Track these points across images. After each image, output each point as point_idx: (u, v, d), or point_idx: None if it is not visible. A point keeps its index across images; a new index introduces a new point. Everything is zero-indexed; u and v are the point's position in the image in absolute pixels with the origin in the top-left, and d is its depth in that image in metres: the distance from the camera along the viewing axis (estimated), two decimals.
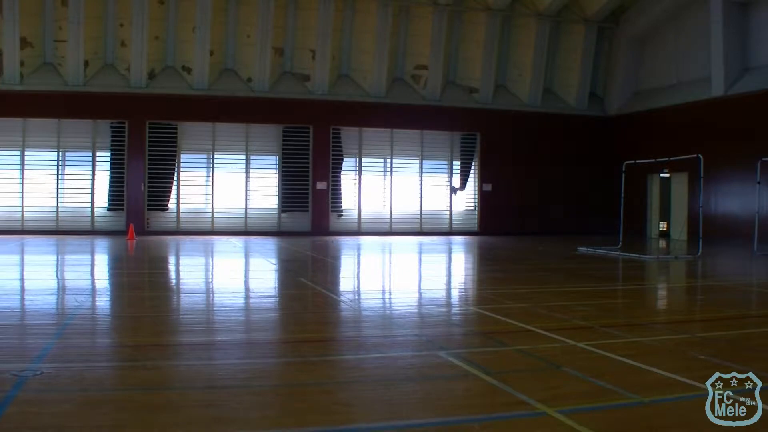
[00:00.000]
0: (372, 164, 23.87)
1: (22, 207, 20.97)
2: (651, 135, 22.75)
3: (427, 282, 11.45)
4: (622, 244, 16.74)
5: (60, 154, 21.32)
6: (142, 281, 10.90)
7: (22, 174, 21.00)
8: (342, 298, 8.90)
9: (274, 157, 22.94)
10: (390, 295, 9.88)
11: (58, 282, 10.54)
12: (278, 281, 11.23)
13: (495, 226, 23.86)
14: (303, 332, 6.41)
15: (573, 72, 25.00)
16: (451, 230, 24.23)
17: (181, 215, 22.16)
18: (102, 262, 14.06)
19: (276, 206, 22.89)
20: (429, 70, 23.43)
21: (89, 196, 21.53)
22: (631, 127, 24.17)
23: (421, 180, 24.16)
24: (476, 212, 24.51)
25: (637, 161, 17.67)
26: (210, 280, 11.28)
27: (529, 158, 24.39)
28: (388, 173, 23.95)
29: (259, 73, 21.99)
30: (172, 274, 12.40)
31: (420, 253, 17.36)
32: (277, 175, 22.92)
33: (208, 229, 22.22)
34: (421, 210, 24.13)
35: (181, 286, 10.69)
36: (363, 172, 23.67)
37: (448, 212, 24.47)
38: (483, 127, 24.17)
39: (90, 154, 21.52)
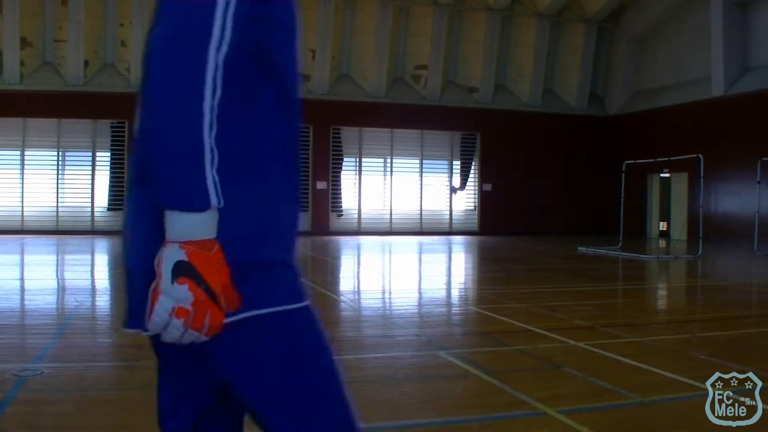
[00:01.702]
0: (372, 164, 23.87)
1: (22, 207, 20.97)
2: (651, 135, 22.74)
3: (427, 282, 11.45)
4: (622, 244, 16.74)
5: (60, 154, 21.32)
6: None
7: (22, 174, 21.00)
8: (342, 297, 8.90)
9: None
10: (390, 294, 9.88)
11: (58, 282, 10.54)
12: None
13: (495, 226, 23.86)
14: None
15: (573, 72, 25.00)
16: (451, 230, 24.22)
17: None
18: (102, 262, 14.06)
19: None
20: (429, 70, 23.43)
21: (89, 196, 21.53)
22: (631, 127, 24.16)
23: (421, 180, 24.16)
24: (476, 212, 24.51)
25: (637, 161, 17.67)
26: None
27: (529, 158, 24.38)
28: (388, 173, 23.95)
29: None
30: None
31: (420, 253, 17.36)
32: None
33: None
34: (421, 210, 24.13)
35: None
36: (363, 172, 23.67)
37: (448, 212, 24.47)
38: (483, 127, 24.16)
39: (90, 154, 21.52)
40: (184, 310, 1.17)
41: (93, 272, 12.08)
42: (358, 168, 23.59)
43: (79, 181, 21.53)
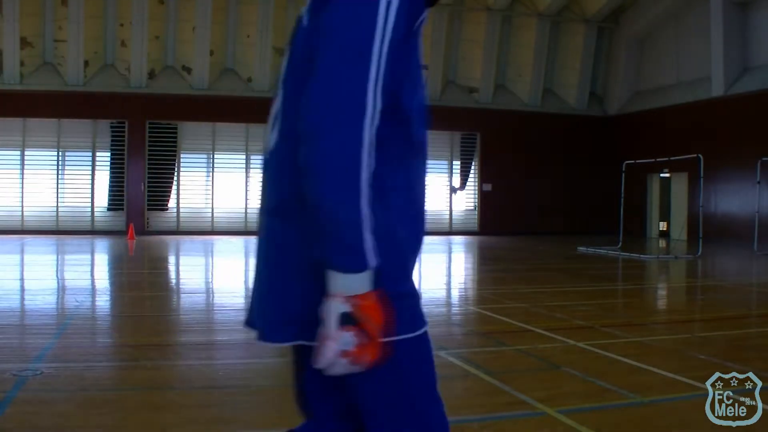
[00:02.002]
0: None
1: (22, 207, 20.97)
2: (651, 135, 22.75)
3: (427, 282, 11.45)
4: (622, 244, 16.74)
5: (60, 154, 21.33)
6: (142, 281, 10.90)
7: (22, 174, 21.00)
8: None
9: None
10: None
11: (58, 282, 10.54)
12: None
13: (495, 226, 23.86)
14: None
15: (573, 72, 24.99)
16: (451, 230, 24.22)
17: (181, 215, 22.16)
18: (102, 262, 14.07)
19: None
20: (429, 70, 23.39)
21: (89, 196, 21.53)
22: (631, 127, 24.17)
23: None
24: (476, 212, 24.50)
25: (637, 161, 17.67)
26: (210, 280, 11.28)
27: (529, 158, 24.38)
28: None
29: (259, 73, 21.99)
30: (172, 274, 12.40)
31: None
32: None
33: (208, 229, 22.22)
34: None
35: (181, 286, 10.69)
36: None
37: (448, 212, 24.47)
38: (483, 127, 24.16)
39: (90, 154, 21.52)
40: (349, 352, 1.37)
41: (93, 272, 12.08)
42: None
43: (79, 181, 21.53)
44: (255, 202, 22.80)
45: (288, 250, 1.51)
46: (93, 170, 21.54)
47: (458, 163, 24.42)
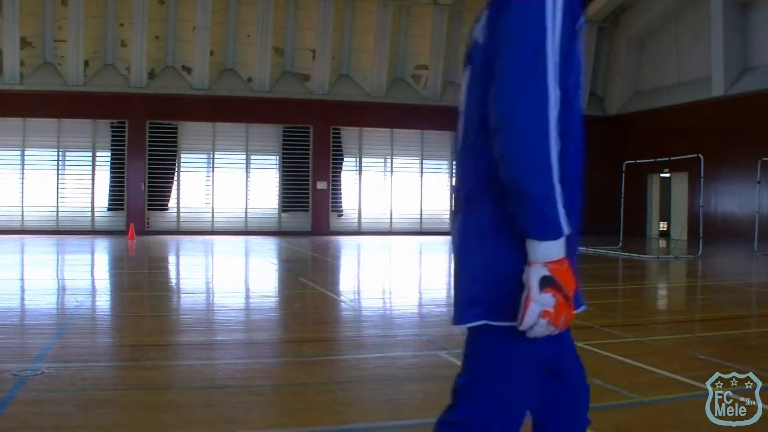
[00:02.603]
0: (372, 164, 23.87)
1: (22, 207, 20.97)
2: (651, 135, 22.75)
3: (427, 282, 11.45)
4: (622, 244, 16.74)
5: (60, 153, 21.33)
6: (142, 281, 10.90)
7: (22, 174, 21.01)
8: (342, 298, 8.90)
9: (274, 157, 22.95)
10: (390, 295, 9.88)
11: (58, 282, 10.54)
12: (278, 281, 11.23)
13: None
14: (303, 332, 6.42)
15: None
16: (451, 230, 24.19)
17: (181, 215, 22.16)
18: (102, 262, 14.07)
19: (276, 206, 22.90)
20: (429, 70, 23.42)
21: (89, 196, 21.54)
22: (631, 127, 24.16)
23: (421, 180, 24.15)
24: None
25: (637, 161, 17.67)
26: (210, 280, 11.28)
27: None
28: (388, 173, 23.95)
29: (259, 73, 21.99)
30: (172, 274, 12.40)
31: (420, 253, 17.36)
32: (277, 175, 22.92)
33: (208, 229, 22.22)
34: (421, 210, 24.12)
35: (181, 286, 10.69)
36: (363, 172, 23.67)
37: (448, 212, 24.47)
38: None
39: (90, 154, 21.53)
40: (548, 312, 1.55)
41: (93, 272, 12.08)
42: (358, 168, 23.59)
43: (79, 181, 21.54)
44: (255, 201, 22.83)
45: (471, 236, 1.72)
46: (93, 170, 21.55)
47: None
